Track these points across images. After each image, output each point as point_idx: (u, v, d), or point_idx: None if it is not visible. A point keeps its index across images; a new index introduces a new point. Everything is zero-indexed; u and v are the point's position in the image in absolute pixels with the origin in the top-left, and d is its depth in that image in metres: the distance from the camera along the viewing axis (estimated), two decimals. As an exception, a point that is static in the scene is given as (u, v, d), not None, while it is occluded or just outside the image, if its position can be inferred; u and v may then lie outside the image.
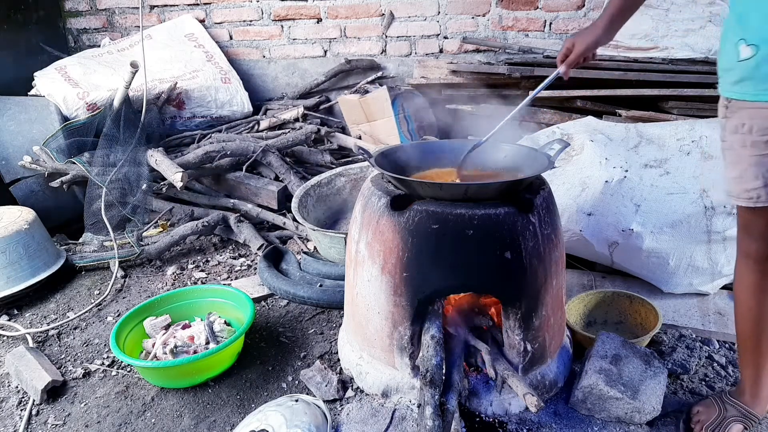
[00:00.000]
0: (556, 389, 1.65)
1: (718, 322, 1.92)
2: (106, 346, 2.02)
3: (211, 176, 3.06)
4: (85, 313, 2.21)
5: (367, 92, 3.42)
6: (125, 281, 2.46)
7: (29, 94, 3.20)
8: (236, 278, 2.45)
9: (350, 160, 3.21)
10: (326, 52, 3.75)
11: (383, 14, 3.55)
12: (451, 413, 1.37)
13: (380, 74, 3.66)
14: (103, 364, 1.92)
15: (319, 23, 3.67)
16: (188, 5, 3.78)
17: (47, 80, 3.17)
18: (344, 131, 3.54)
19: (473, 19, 3.45)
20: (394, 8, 3.52)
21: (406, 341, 1.55)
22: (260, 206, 2.87)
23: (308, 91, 3.75)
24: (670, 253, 1.96)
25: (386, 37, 3.62)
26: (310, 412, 1.51)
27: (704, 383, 1.70)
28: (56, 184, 2.82)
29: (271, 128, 3.40)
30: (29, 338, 2.04)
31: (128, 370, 1.88)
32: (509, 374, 1.50)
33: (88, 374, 1.87)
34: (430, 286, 1.48)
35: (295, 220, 2.55)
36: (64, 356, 1.97)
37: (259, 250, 2.55)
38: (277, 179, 2.99)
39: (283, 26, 3.73)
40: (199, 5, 3.77)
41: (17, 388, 1.82)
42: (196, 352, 1.84)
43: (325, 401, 1.63)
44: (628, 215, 1.97)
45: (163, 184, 2.86)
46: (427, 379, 1.38)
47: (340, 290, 2.10)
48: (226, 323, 1.97)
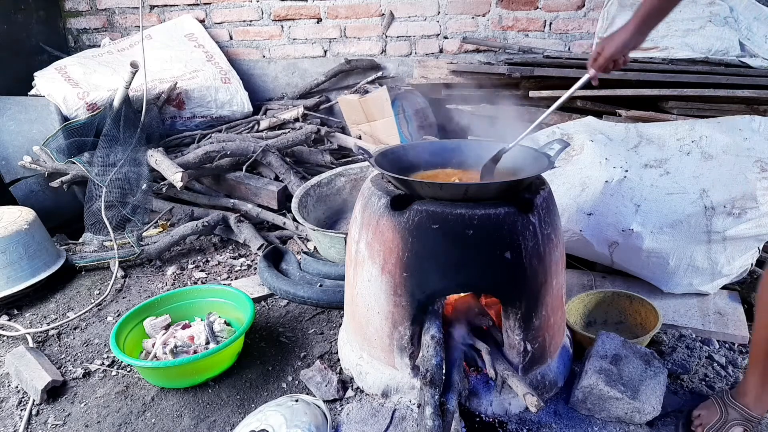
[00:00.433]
0: (556, 389, 1.65)
1: (718, 322, 1.92)
2: (106, 346, 2.02)
3: (211, 176, 3.06)
4: (85, 313, 2.21)
5: (367, 92, 3.42)
6: (125, 281, 2.46)
7: (29, 94, 3.20)
8: (236, 278, 2.45)
9: (350, 160, 3.21)
10: (326, 52, 3.75)
11: (383, 14, 3.55)
12: (451, 413, 1.37)
13: (380, 74, 3.67)
14: (103, 364, 1.92)
15: (319, 23, 3.67)
16: (188, 5, 3.78)
17: (47, 80, 3.17)
18: (344, 131, 3.54)
19: (473, 19, 3.45)
20: (394, 8, 3.52)
21: (406, 341, 1.55)
22: (260, 206, 2.87)
23: (308, 91, 3.75)
24: (670, 253, 1.96)
25: (386, 37, 3.62)
26: (310, 412, 1.51)
27: (704, 383, 1.70)
28: (56, 184, 2.82)
29: (271, 128, 3.40)
30: (29, 338, 2.04)
31: (128, 370, 1.88)
32: (509, 374, 1.50)
33: (88, 374, 1.87)
34: (430, 286, 1.48)
35: (295, 220, 2.55)
36: (64, 356, 1.97)
37: (259, 250, 2.55)
38: (277, 179, 2.99)
39: (283, 26, 3.72)
40: (199, 5, 3.77)
41: (17, 388, 1.82)
42: (196, 352, 1.84)
43: (325, 401, 1.63)
44: (628, 215, 1.97)
45: (163, 184, 2.86)
46: (427, 379, 1.38)
47: (340, 290, 2.10)
48: (226, 323, 1.97)
